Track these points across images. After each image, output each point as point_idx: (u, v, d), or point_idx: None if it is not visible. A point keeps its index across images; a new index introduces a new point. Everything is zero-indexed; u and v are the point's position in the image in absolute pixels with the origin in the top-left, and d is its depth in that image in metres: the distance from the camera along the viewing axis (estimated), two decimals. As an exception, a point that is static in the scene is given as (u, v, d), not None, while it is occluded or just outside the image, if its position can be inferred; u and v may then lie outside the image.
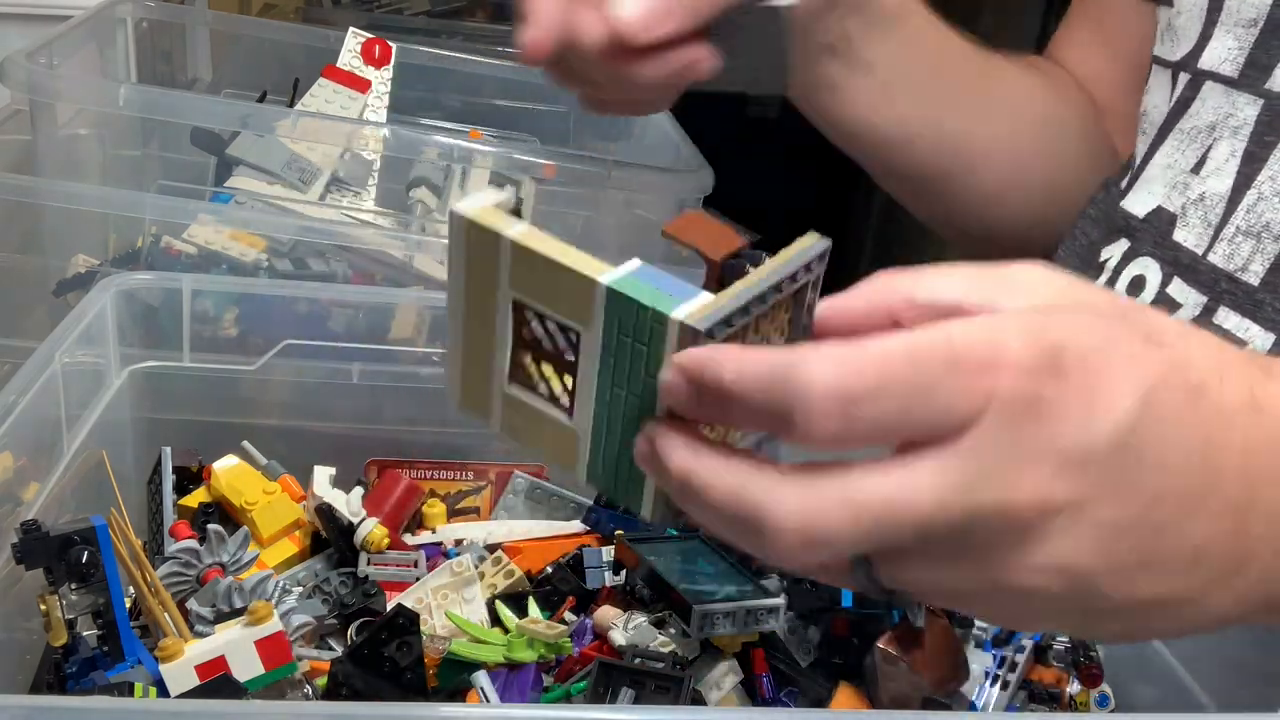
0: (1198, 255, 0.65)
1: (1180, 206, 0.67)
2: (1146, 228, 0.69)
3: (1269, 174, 0.63)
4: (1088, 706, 0.58)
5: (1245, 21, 0.65)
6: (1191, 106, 0.68)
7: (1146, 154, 0.71)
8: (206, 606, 0.55)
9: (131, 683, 0.48)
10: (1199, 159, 0.67)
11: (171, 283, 0.68)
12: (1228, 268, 0.64)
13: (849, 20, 0.71)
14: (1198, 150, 0.67)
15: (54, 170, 0.82)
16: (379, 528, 0.61)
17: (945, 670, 0.54)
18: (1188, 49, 0.69)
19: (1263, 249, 0.63)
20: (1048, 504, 0.34)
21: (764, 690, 0.55)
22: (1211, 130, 0.66)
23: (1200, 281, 0.65)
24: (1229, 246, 0.64)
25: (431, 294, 0.78)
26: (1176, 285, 0.67)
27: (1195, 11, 0.68)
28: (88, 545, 0.50)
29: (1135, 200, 0.70)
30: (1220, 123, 0.66)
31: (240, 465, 0.64)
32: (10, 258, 0.87)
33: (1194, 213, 0.66)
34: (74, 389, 0.61)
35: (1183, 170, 0.68)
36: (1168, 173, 0.69)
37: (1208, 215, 0.66)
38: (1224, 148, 0.65)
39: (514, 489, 0.69)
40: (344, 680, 0.50)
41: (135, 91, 0.80)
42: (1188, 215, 0.67)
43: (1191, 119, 0.68)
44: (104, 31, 1.01)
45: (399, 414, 0.73)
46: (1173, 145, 0.69)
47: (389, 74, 1.00)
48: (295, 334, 0.70)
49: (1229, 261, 0.64)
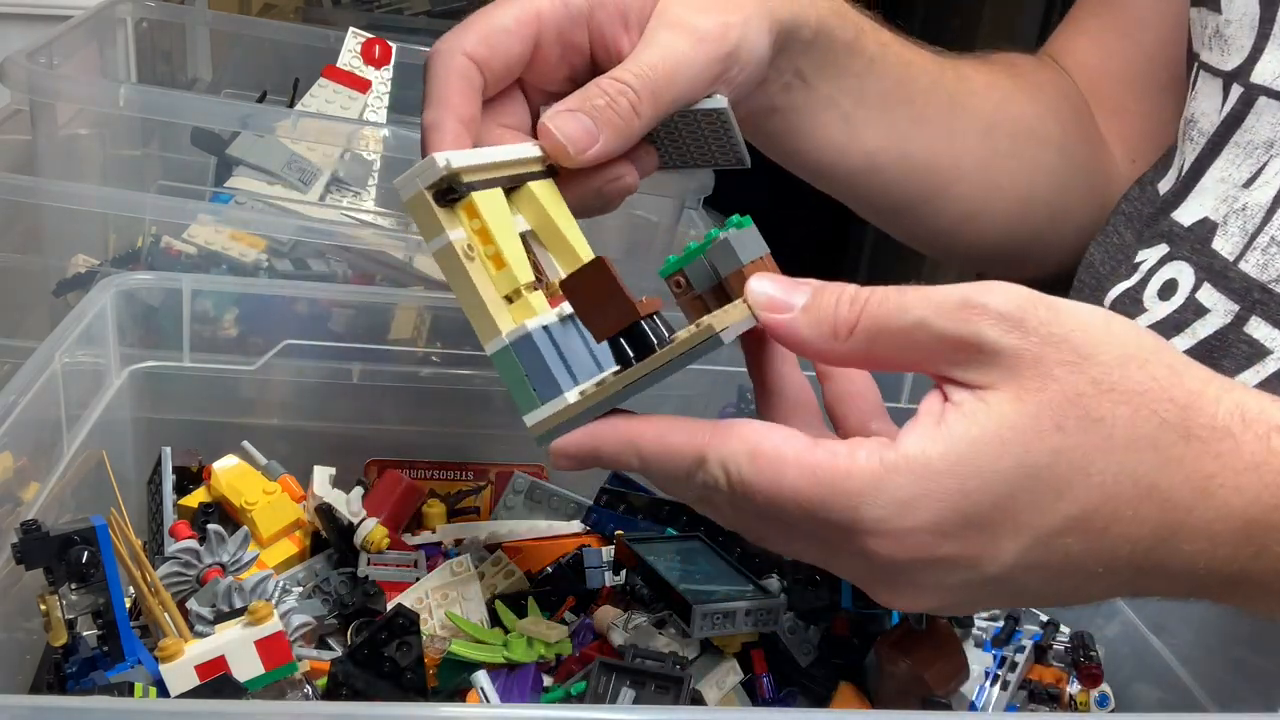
0: (1229, 262, 0.66)
1: (1223, 216, 0.67)
2: (1189, 235, 0.69)
3: None
4: (1088, 706, 0.58)
5: None
6: (1246, 121, 0.67)
7: (1197, 164, 0.70)
8: (206, 606, 0.55)
9: (131, 683, 0.48)
10: (1253, 174, 0.67)
11: (171, 283, 0.68)
12: (1260, 278, 0.64)
13: (800, 60, 0.68)
14: (1253, 166, 0.67)
15: (54, 170, 0.82)
16: (379, 528, 0.61)
17: (946, 670, 0.54)
18: (1239, 60, 0.68)
19: None
20: (916, 602, 0.43)
21: (764, 690, 0.55)
22: (1269, 148, 0.66)
23: (1232, 289, 0.65)
24: (1263, 256, 0.64)
25: (431, 294, 0.78)
26: (1206, 291, 0.67)
27: (1246, 21, 0.67)
28: (88, 545, 0.50)
29: (1185, 211, 0.70)
30: (1277, 140, 0.66)
31: (240, 465, 0.64)
32: (10, 258, 0.87)
33: (1234, 222, 0.67)
34: (74, 389, 0.61)
35: (1236, 184, 0.68)
36: (1221, 186, 0.68)
37: (1246, 225, 0.66)
38: (1277, 164, 0.66)
39: (514, 489, 0.69)
40: (344, 680, 0.50)
41: (135, 92, 0.79)
42: (1228, 224, 0.67)
43: (1247, 133, 0.67)
44: (104, 31, 1.01)
45: (399, 414, 0.74)
46: (1228, 159, 0.68)
47: (389, 74, 1.00)
48: (295, 334, 0.70)
49: (1263, 272, 0.64)
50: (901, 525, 0.40)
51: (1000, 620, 0.61)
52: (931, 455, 0.40)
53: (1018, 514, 0.40)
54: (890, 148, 0.74)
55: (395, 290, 0.78)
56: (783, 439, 0.41)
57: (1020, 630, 0.60)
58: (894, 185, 0.76)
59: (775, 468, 0.41)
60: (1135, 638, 0.60)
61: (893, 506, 0.40)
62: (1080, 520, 0.40)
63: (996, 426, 0.39)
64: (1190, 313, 0.67)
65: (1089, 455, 0.39)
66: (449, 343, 0.74)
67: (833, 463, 0.40)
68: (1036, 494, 0.40)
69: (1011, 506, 0.40)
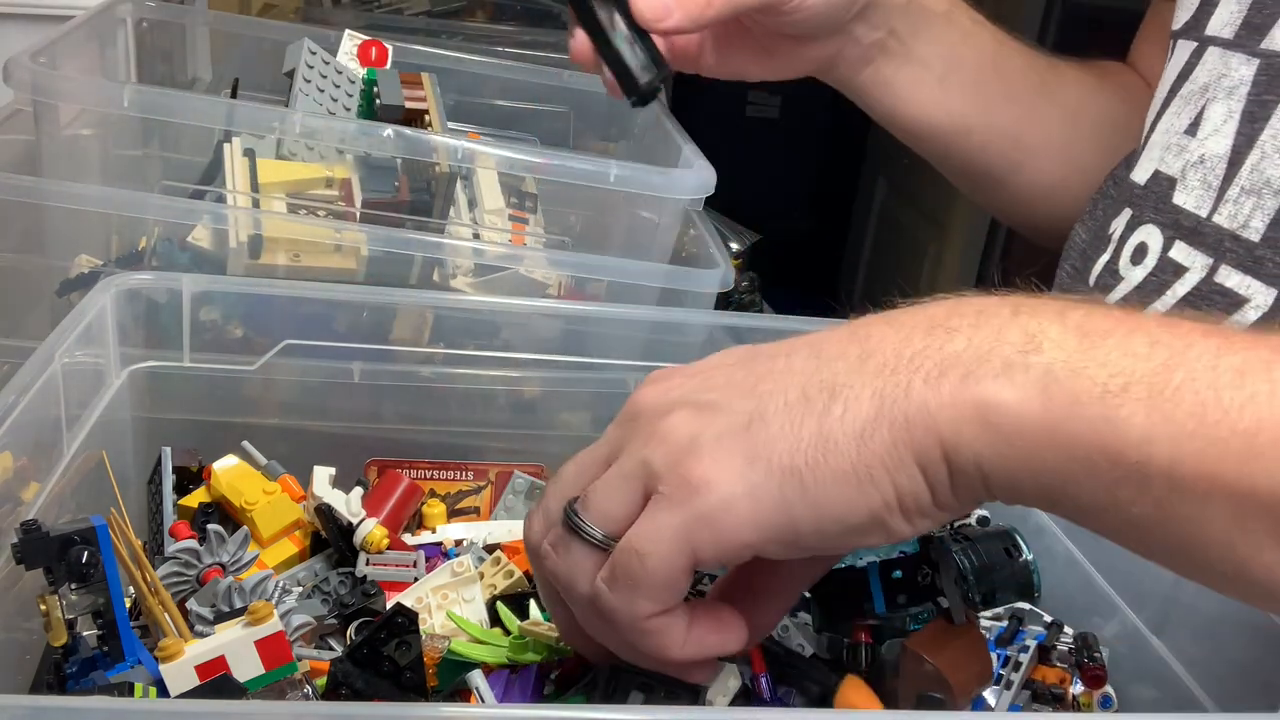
0: (1201, 218, 0.66)
1: (1179, 170, 0.68)
2: (1146, 194, 0.71)
3: (1271, 132, 0.64)
4: (1091, 707, 0.58)
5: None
6: (1194, 72, 0.69)
7: (1152, 124, 0.73)
8: (206, 606, 0.55)
9: (131, 683, 0.48)
10: (1193, 120, 0.68)
11: (172, 283, 0.68)
12: (1231, 227, 0.64)
13: (895, 20, 0.77)
14: (1192, 111, 0.68)
15: (57, 170, 0.82)
16: (378, 528, 0.61)
17: (973, 674, 0.53)
18: (1189, 16, 0.71)
19: (1262, 205, 0.63)
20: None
21: (761, 690, 0.55)
22: (1205, 91, 0.67)
23: (1205, 243, 0.66)
24: (1233, 207, 0.65)
25: (432, 294, 0.78)
26: (1179, 248, 0.67)
27: None
28: (88, 545, 0.50)
29: (1139, 169, 0.72)
30: (1214, 83, 0.67)
31: (240, 465, 0.64)
32: (11, 258, 0.87)
33: (1193, 175, 0.67)
34: (74, 389, 0.61)
35: (1177, 132, 0.69)
36: (1165, 137, 0.70)
37: (1207, 177, 0.66)
38: (1219, 108, 0.66)
39: (514, 489, 0.69)
40: (343, 680, 0.50)
41: (139, 92, 0.79)
42: (1187, 178, 0.68)
43: (1190, 83, 0.69)
44: (105, 32, 1.01)
45: (399, 414, 0.74)
46: (1173, 110, 0.70)
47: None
48: (296, 334, 0.70)
49: (1232, 220, 0.65)
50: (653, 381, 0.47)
51: (1005, 620, 0.61)
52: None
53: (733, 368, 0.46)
54: (979, 114, 0.82)
55: (396, 290, 0.78)
56: None
57: (1024, 630, 0.60)
58: (979, 151, 0.83)
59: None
60: (1135, 638, 0.60)
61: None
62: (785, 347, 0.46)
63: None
64: (1169, 274, 0.68)
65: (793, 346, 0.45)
66: (450, 343, 0.74)
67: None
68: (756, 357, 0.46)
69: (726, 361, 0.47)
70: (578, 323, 0.75)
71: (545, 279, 0.81)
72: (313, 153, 0.86)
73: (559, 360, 0.74)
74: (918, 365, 0.42)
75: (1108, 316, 0.42)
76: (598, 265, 0.83)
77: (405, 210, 0.83)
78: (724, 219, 1.15)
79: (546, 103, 1.13)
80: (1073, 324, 0.41)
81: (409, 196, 0.84)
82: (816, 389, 0.43)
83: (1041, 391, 0.40)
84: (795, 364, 0.44)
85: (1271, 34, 0.64)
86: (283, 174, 0.83)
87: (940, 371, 0.41)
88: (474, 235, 0.85)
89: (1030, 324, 0.41)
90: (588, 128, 1.13)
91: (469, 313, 0.75)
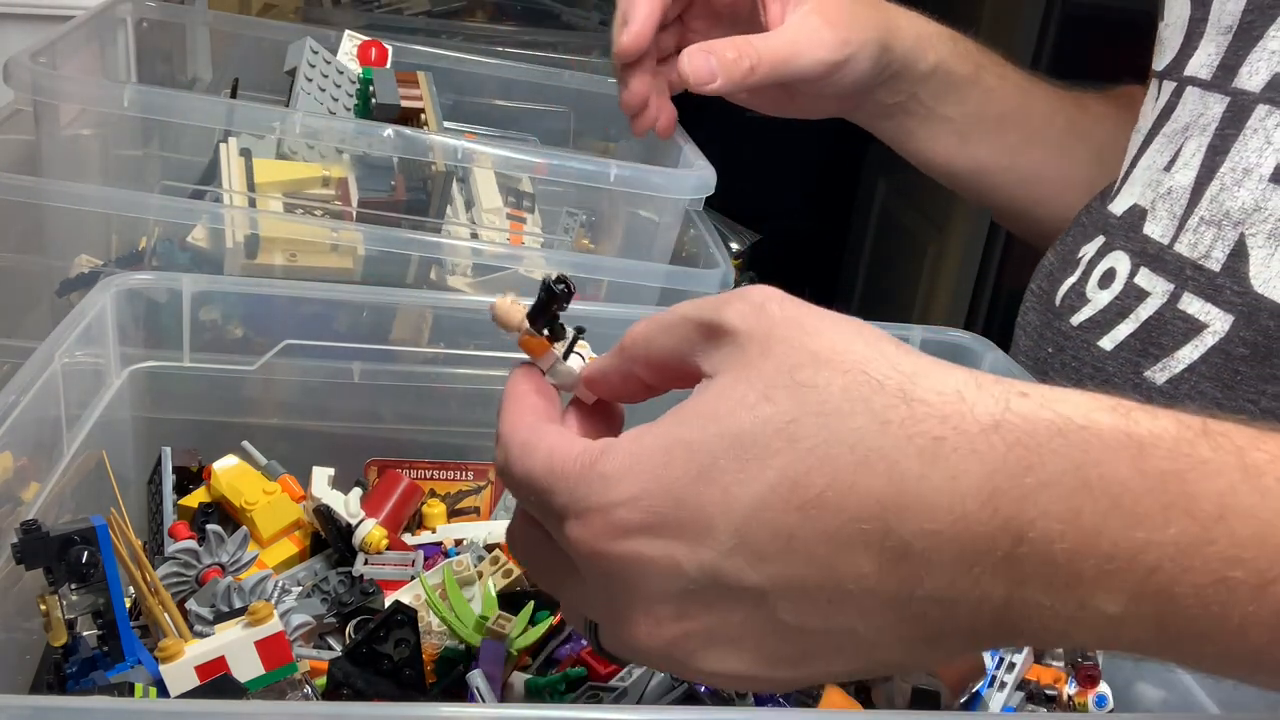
0: (1164, 245, 0.69)
1: (1151, 202, 0.71)
2: (1120, 223, 0.73)
3: (1230, 165, 0.66)
4: (1086, 707, 0.58)
5: (1223, 29, 0.68)
6: (1175, 112, 0.71)
7: (1133, 160, 0.75)
8: (206, 607, 0.55)
9: (131, 683, 0.48)
10: (1171, 158, 0.71)
11: (172, 283, 0.68)
12: (1192, 256, 0.66)
13: (918, 87, 0.84)
14: (1172, 149, 0.71)
15: (57, 170, 0.82)
16: (377, 529, 0.61)
17: (966, 672, 0.53)
18: (1171, 58, 0.73)
19: (1223, 236, 0.65)
20: (673, 644, 0.37)
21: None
22: (1185, 130, 0.70)
23: (1167, 270, 0.68)
24: (1194, 236, 0.67)
25: (432, 294, 0.78)
26: (1144, 275, 0.70)
27: (1179, 23, 0.73)
28: (88, 545, 0.50)
29: (1117, 202, 0.75)
30: (1193, 123, 0.70)
31: (240, 465, 0.64)
32: (11, 258, 0.87)
33: (1162, 206, 0.70)
34: (74, 389, 0.61)
35: (1157, 169, 0.72)
36: (1147, 173, 0.73)
37: (1173, 208, 0.69)
38: (1193, 144, 0.69)
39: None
40: (343, 679, 0.51)
41: (139, 92, 0.79)
42: (1156, 209, 0.70)
43: (1172, 123, 0.72)
44: (105, 32, 1.01)
45: (399, 414, 0.74)
46: (1155, 148, 0.73)
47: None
48: (296, 334, 0.70)
49: (1193, 250, 0.66)
50: (605, 499, 0.37)
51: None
52: (645, 435, 0.38)
53: (726, 486, 0.36)
54: (1000, 160, 0.88)
55: (396, 290, 0.78)
56: (547, 425, 0.42)
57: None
58: (1001, 190, 0.89)
59: (531, 445, 0.40)
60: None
61: (598, 482, 0.37)
62: (791, 489, 0.35)
63: (706, 400, 0.38)
64: (1131, 298, 0.70)
65: (797, 420, 0.36)
66: (450, 343, 0.74)
67: (567, 447, 0.39)
68: (741, 460, 0.36)
69: (717, 477, 0.36)
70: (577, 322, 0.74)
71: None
72: (313, 152, 0.86)
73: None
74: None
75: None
76: (598, 265, 0.83)
77: (401, 210, 0.83)
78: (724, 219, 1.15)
79: (546, 103, 1.13)
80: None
81: (405, 196, 0.84)
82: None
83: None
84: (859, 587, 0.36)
85: (1239, 73, 0.66)
86: (279, 173, 0.83)
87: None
88: (471, 235, 0.85)
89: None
90: (588, 128, 1.13)
91: (469, 313, 0.75)
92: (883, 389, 0.36)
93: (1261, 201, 0.63)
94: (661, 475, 0.36)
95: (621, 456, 0.37)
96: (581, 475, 0.38)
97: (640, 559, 0.36)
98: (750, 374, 0.37)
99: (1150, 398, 0.66)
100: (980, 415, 0.35)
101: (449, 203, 0.85)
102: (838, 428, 0.35)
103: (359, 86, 0.94)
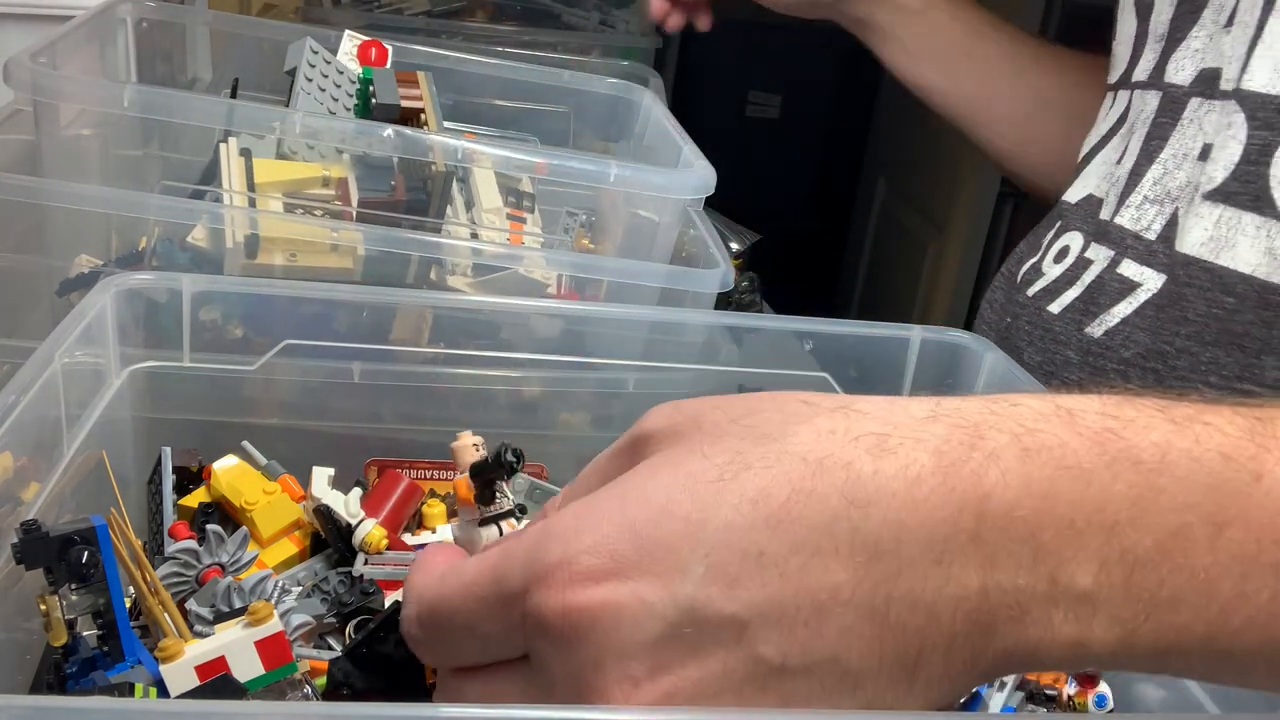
0: (1109, 221, 0.81)
1: (1105, 191, 0.83)
2: (1075, 209, 0.86)
3: (1171, 151, 0.77)
4: (1085, 707, 0.58)
5: (1158, 37, 0.81)
6: (1127, 115, 0.84)
7: (1086, 156, 0.88)
8: (206, 607, 0.55)
9: (131, 683, 0.48)
10: (1121, 153, 0.83)
11: (172, 283, 0.68)
12: (1134, 228, 0.78)
13: (875, 8, 1.06)
14: (1122, 146, 0.83)
15: (57, 170, 0.82)
16: (377, 529, 0.61)
17: None
18: (1122, 70, 0.86)
19: (1162, 211, 0.76)
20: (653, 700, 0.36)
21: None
22: (1132, 128, 0.82)
23: (1110, 240, 0.80)
24: (1136, 212, 0.78)
25: (432, 294, 0.78)
26: (1092, 248, 0.82)
27: (1127, 38, 0.86)
28: (88, 545, 0.50)
29: (1072, 192, 0.87)
30: (1136, 119, 0.82)
31: (240, 465, 0.64)
32: (12, 258, 0.87)
33: (1113, 192, 0.82)
34: (74, 389, 0.61)
35: (1110, 163, 0.84)
36: (1102, 167, 0.85)
37: (1122, 191, 0.81)
38: (1137, 136, 0.81)
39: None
40: (343, 679, 0.50)
41: (140, 92, 0.79)
42: (1109, 196, 0.82)
43: (1125, 126, 0.84)
44: (105, 31, 1.01)
45: (399, 414, 0.74)
46: (1111, 147, 0.85)
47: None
48: (296, 334, 0.70)
49: (1136, 224, 0.78)
50: (565, 553, 0.35)
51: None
52: (593, 495, 0.38)
53: (686, 517, 0.35)
54: (946, 84, 1.08)
55: (396, 290, 0.78)
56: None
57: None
58: (948, 108, 1.09)
59: (458, 565, 0.39)
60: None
61: (555, 542, 0.36)
62: (754, 507, 0.35)
63: (650, 461, 0.38)
64: (1079, 269, 0.81)
65: (744, 451, 0.36)
66: (450, 343, 0.74)
67: (507, 540, 0.39)
68: (696, 493, 0.36)
69: (675, 511, 0.35)
70: (577, 323, 0.75)
71: (545, 279, 0.81)
72: (313, 152, 0.86)
73: (559, 360, 0.74)
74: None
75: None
76: (597, 265, 0.83)
77: (401, 210, 0.83)
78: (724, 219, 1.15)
79: (546, 103, 1.13)
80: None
81: (405, 196, 0.84)
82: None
83: None
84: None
85: (1167, 69, 0.79)
86: (279, 173, 0.83)
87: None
88: (471, 235, 0.85)
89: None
90: (588, 128, 1.13)
91: (469, 313, 0.75)
92: (820, 408, 0.38)
93: (1193, 178, 0.75)
94: (618, 519, 0.36)
95: (572, 515, 0.37)
96: (536, 543, 0.36)
97: (608, 606, 0.35)
98: (690, 436, 0.38)
99: (1089, 349, 0.79)
100: (915, 411, 0.37)
101: (449, 203, 0.85)
102: (787, 445, 0.36)
103: (359, 86, 0.94)
